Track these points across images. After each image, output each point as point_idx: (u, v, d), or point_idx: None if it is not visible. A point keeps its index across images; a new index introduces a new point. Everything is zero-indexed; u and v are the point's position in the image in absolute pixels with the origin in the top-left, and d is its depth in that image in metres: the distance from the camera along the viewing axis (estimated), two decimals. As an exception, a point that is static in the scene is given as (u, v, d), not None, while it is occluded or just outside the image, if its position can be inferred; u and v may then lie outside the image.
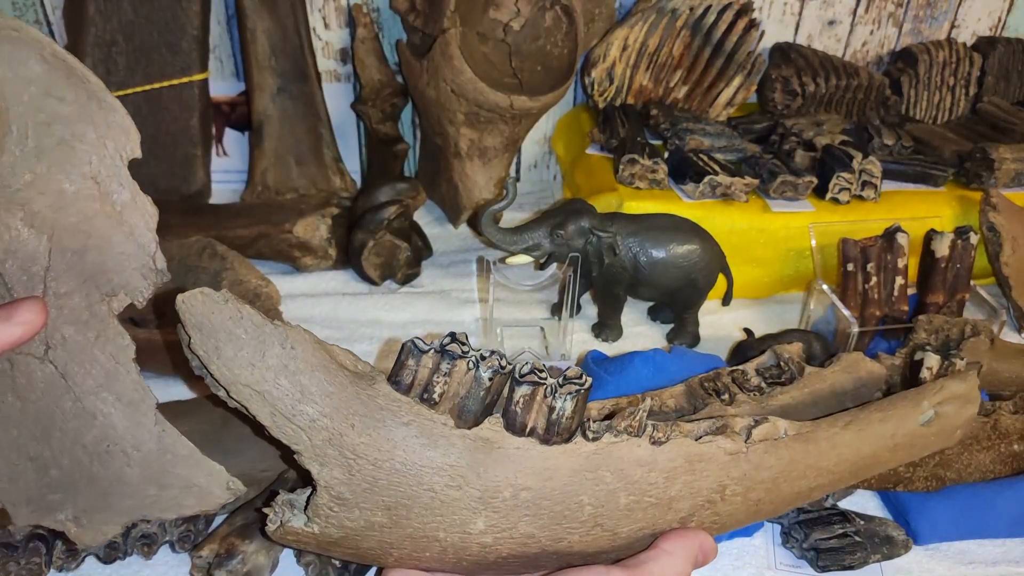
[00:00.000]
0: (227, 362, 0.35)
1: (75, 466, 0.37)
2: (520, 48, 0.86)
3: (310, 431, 0.37)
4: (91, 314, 0.36)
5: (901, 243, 0.72)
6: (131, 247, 0.36)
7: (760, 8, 1.00)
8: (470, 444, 0.39)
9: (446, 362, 0.39)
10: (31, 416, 0.36)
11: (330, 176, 0.91)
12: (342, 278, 0.84)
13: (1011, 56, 1.02)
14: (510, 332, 0.78)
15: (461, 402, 0.39)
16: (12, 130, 0.34)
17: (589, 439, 0.40)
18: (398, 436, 0.38)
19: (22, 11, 0.87)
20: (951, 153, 0.90)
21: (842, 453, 0.45)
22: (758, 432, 0.43)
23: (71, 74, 0.34)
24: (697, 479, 0.42)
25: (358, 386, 0.38)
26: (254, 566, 0.48)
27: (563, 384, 0.39)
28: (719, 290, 0.76)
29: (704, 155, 0.83)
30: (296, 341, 0.37)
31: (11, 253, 0.35)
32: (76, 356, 0.36)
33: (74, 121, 0.34)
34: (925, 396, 0.47)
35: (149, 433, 0.37)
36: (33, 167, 0.34)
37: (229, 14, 0.91)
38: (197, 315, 0.35)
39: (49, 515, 0.38)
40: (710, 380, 0.58)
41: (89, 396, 0.36)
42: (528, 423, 0.40)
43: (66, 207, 0.35)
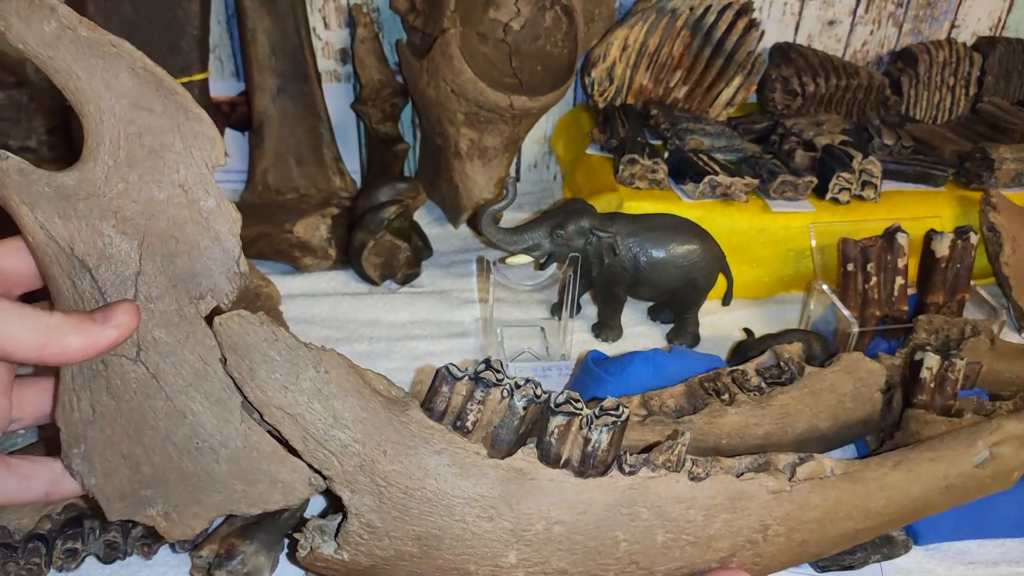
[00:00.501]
0: (261, 384, 0.36)
1: (166, 463, 0.38)
2: (520, 48, 0.86)
3: (342, 456, 0.37)
4: (180, 317, 0.37)
5: (901, 243, 0.72)
6: (217, 252, 0.37)
7: (760, 8, 1.00)
8: (503, 475, 0.38)
9: (480, 390, 0.38)
10: (124, 415, 0.37)
11: (330, 176, 0.91)
12: (342, 278, 0.84)
13: (1011, 56, 1.02)
14: (510, 332, 0.78)
15: (495, 431, 0.38)
16: (105, 141, 0.35)
17: (625, 473, 0.40)
18: (430, 464, 0.37)
19: (22, 11, 0.87)
20: (951, 153, 0.90)
21: (891, 495, 0.43)
22: (803, 470, 0.42)
23: (160, 86, 0.35)
24: (738, 517, 0.41)
25: (391, 412, 0.38)
26: (254, 566, 0.48)
27: (599, 415, 0.39)
28: (719, 290, 0.76)
29: (704, 155, 0.83)
30: (330, 365, 0.37)
31: (105, 259, 0.36)
32: (167, 357, 0.37)
33: (163, 131, 0.35)
34: (980, 436, 0.45)
35: (236, 431, 0.38)
36: (125, 176, 0.35)
37: (229, 14, 0.91)
38: (233, 336, 0.36)
39: (141, 510, 0.39)
40: (710, 380, 0.58)
41: (179, 395, 0.37)
42: (563, 454, 0.39)
43: (156, 214, 0.36)
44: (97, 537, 0.50)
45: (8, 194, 0.35)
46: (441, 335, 0.77)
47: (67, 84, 0.34)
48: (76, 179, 0.35)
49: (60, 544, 0.49)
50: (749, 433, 0.55)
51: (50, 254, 0.36)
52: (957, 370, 0.58)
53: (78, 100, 0.35)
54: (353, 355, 0.74)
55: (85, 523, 0.50)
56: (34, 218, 0.35)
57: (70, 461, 0.38)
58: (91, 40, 0.34)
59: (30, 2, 0.33)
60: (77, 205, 0.35)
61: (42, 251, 0.36)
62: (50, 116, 0.83)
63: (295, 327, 0.75)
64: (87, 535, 0.50)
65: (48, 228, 0.35)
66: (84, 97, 0.34)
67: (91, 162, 0.35)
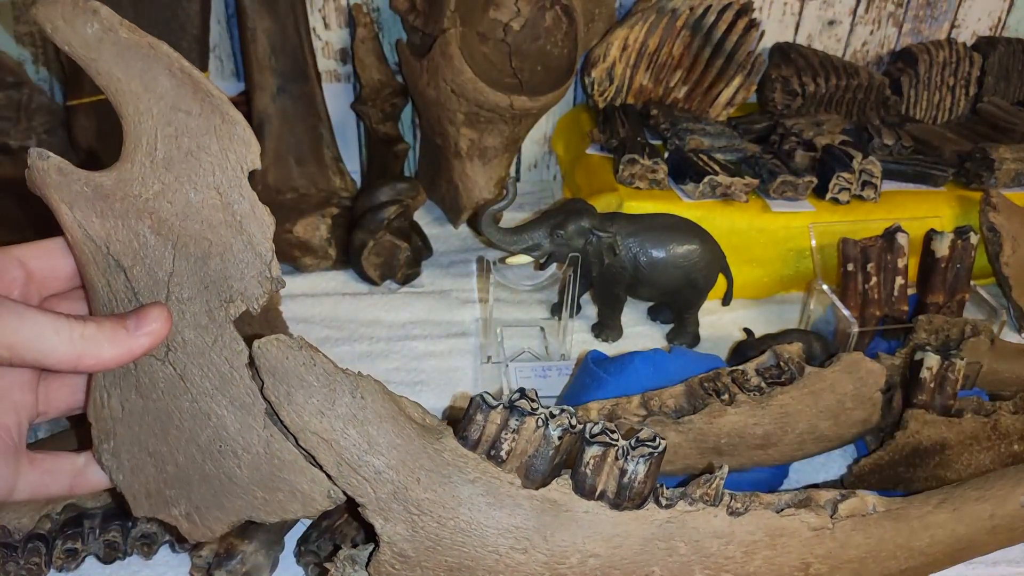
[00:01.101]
0: (297, 409, 0.36)
1: (189, 463, 0.38)
2: (520, 48, 0.86)
3: (375, 483, 0.37)
4: (210, 319, 0.37)
5: (901, 243, 0.72)
6: (250, 255, 0.37)
7: (760, 8, 1.00)
8: (537, 506, 0.38)
9: (515, 418, 0.38)
10: (152, 414, 0.38)
11: (330, 176, 0.91)
12: (342, 278, 0.84)
13: (1011, 56, 1.02)
14: (510, 332, 0.78)
15: (529, 461, 0.38)
16: (143, 142, 0.35)
17: (662, 506, 0.39)
18: (464, 494, 0.37)
19: (21, 11, 0.87)
20: (951, 153, 0.90)
21: (935, 534, 0.42)
22: (845, 507, 0.42)
23: (197, 88, 0.35)
24: (778, 555, 0.40)
25: (425, 439, 0.38)
26: (253, 566, 0.48)
27: (636, 446, 0.38)
28: (719, 290, 0.76)
29: (704, 155, 0.83)
30: (366, 391, 0.37)
31: (139, 259, 0.36)
32: (195, 359, 0.37)
33: (200, 133, 0.35)
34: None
35: (258, 437, 0.38)
36: (162, 177, 0.36)
37: (229, 14, 0.91)
38: (271, 360, 0.36)
39: (165, 509, 0.39)
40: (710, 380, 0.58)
41: (205, 397, 0.37)
42: (598, 486, 0.38)
43: (191, 216, 0.36)
44: (97, 537, 0.50)
45: (49, 192, 0.35)
46: (441, 335, 0.77)
47: (108, 85, 0.35)
48: (114, 179, 0.36)
49: (60, 544, 0.49)
50: (749, 433, 0.55)
51: (87, 252, 0.36)
52: (957, 370, 0.58)
53: (118, 101, 0.35)
54: (353, 355, 0.75)
55: (85, 523, 0.50)
56: (72, 217, 0.35)
57: (100, 456, 0.39)
58: (131, 42, 0.34)
59: (74, 5, 0.33)
60: (114, 205, 0.36)
61: (79, 249, 0.36)
62: (50, 116, 0.83)
63: (295, 327, 0.75)
64: (87, 535, 0.50)
65: (86, 227, 0.36)
66: (124, 98, 0.35)
67: (129, 163, 0.35)
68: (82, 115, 0.78)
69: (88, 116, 0.79)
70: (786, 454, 0.57)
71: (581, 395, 0.61)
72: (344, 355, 0.73)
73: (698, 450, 0.55)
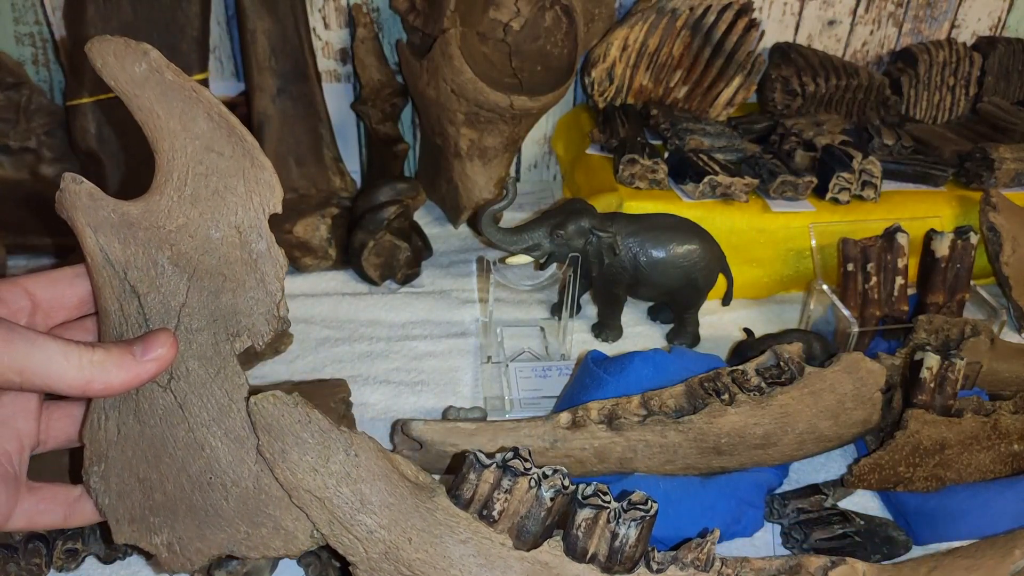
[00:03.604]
0: (292, 467, 0.37)
1: (178, 492, 0.38)
2: (520, 48, 0.86)
3: (367, 543, 0.37)
4: (216, 351, 0.38)
5: (901, 243, 0.72)
6: (261, 293, 0.38)
7: (760, 8, 1.00)
8: (528, 568, 0.38)
9: (508, 478, 0.38)
10: (146, 439, 0.38)
11: (330, 176, 0.91)
12: (342, 278, 0.84)
13: (1011, 56, 1.02)
14: (510, 332, 0.78)
15: (521, 521, 0.38)
16: (174, 177, 0.37)
17: (653, 570, 0.39)
18: (455, 554, 0.37)
19: (22, 12, 0.87)
20: (951, 153, 0.90)
21: None
22: (835, 574, 0.41)
23: (232, 133, 0.37)
24: None
25: (418, 498, 0.38)
26: (254, 567, 0.48)
27: (627, 509, 0.38)
28: (719, 290, 0.76)
29: (704, 155, 0.83)
30: (360, 448, 0.38)
31: (155, 287, 0.37)
32: (196, 389, 0.38)
33: (229, 175, 0.37)
34: (1017, 545, 0.44)
35: (249, 471, 0.38)
36: (187, 212, 0.37)
37: (229, 14, 0.91)
38: (267, 417, 0.37)
39: (147, 537, 0.39)
40: (710, 380, 0.58)
41: (201, 428, 0.38)
42: (589, 549, 0.39)
43: (210, 251, 0.37)
44: (97, 537, 0.50)
45: (76, 215, 0.36)
46: (441, 335, 0.77)
47: (147, 121, 0.36)
48: (141, 209, 0.37)
49: (60, 544, 0.49)
50: (749, 433, 0.55)
51: (104, 275, 0.37)
52: (957, 370, 0.58)
53: (154, 137, 0.36)
54: (353, 355, 0.75)
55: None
56: (96, 240, 0.36)
57: (89, 478, 0.39)
58: (175, 84, 0.36)
59: (127, 44, 0.35)
60: (137, 233, 0.37)
61: (98, 272, 0.37)
62: (50, 116, 0.83)
63: (295, 327, 0.75)
64: (87, 535, 0.50)
65: (107, 251, 0.37)
66: (161, 135, 0.36)
67: (158, 195, 0.37)
68: (82, 116, 0.79)
69: (88, 117, 0.79)
70: (786, 454, 0.57)
71: (581, 395, 0.61)
72: (344, 355, 0.73)
73: (698, 450, 0.55)
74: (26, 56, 0.89)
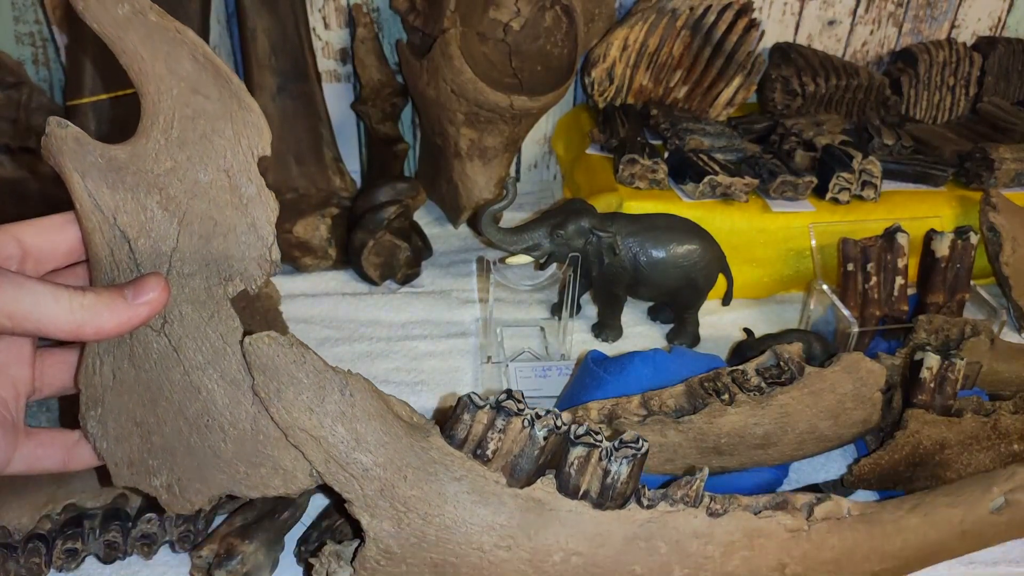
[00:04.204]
0: (287, 406, 0.37)
1: (175, 435, 0.38)
2: (520, 48, 0.86)
3: (363, 480, 0.37)
4: (208, 295, 0.38)
5: (901, 243, 0.72)
6: (252, 237, 0.38)
7: (760, 8, 1.00)
8: (521, 504, 0.38)
9: (501, 418, 0.38)
10: (142, 384, 0.38)
11: (330, 176, 0.91)
12: (342, 278, 0.84)
13: (1011, 56, 1.02)
14: (510, 332, 0.78)
15: (514, 460, 0.39)
16: (160, 120, 0.36)
17: (644, 506, 0.40)
18: (450, 491, 0.38)
19: (21, 11, 0.87)
20: (951, 153, 0.90)
21: (908, 538, 0.43)
22: (820, 510, 0.42)
23: (218, 75, 0.36)
24: (756, 555, 0.41)
25: (413, 438, 0.38)
26: (254, 566, 0.48)
27: (619, 447, 0.39)
28: (719, 290, 0.76)
29: (704, 155, 0.83)
30: (356, 389, 0.38)
31: (145, 232, 0.37)
32: (190, 332, 0.38)
33: (216, 117, 0.37)
34: (995, 483, 0.45)
35: (246, 412, 0.38)
36: (175, 155, 0.37)
37: (229, 13, 0.91)
38: (262, 357, 0.37)
39: (146, 479, 0.39)
40: (710, 380, 0.58)
41: (196, 371, 0.38)
42: (582, 486, 0.39)
43: (199, 195, 0.37)
44: (97, 537, 0.50)
45: (63, 161, 0.36)
46: (441, 335, 0.77)
47: (131, 64, 0.36)
48: (128, 153, 0.36)
49: (60, 544, 0.49)
50: (749, 433, 0.55)
51: (94, 221, 0.37)
52: (957, 370, 0.58)
53: (140, 80, 0.36)
54: (353, 355, 0.75)
55: (85, 523, 0.50)
56: (84, 186, 0.36)
57: (86, 423, 0.39)
58: (158, 25, 0.35)
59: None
60: (125, 178, 0.36)
61: (87, 218, 0.37)
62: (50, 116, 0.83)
63: (295, 327, 0.75)
64: (87, 535, 0.50)
65: (96, 196, 0.36)
66: (146, 78, 0.36)
67: (144, 138, 0.36)
68: (82, 116, 0.79)
69: (88, 117, 0.79)
70: (786, 454, 0.57)
71: (581, 395, 0.61)
72: (344, 355, 0.73)
73: (698, 450, 0.55)
74: (26, 56, 0.89)
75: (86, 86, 0.78)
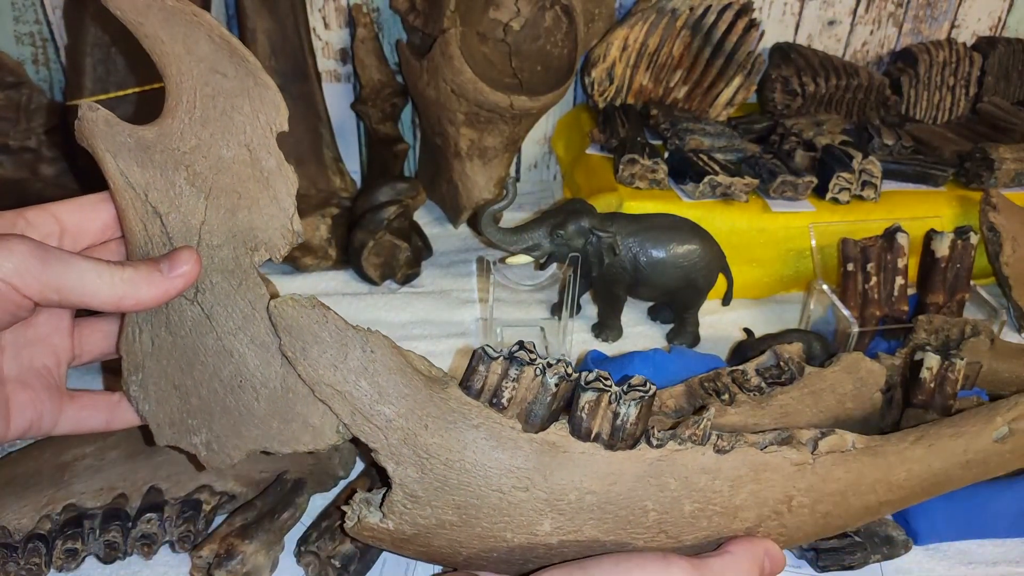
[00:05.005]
0: (312, 363, 0.39)
1: (212, 396, 0.41)
2: (520, 48, 0.86)
3: (387, 431, 0.40)
4: (236, 265, 0.40)
5: (901, 243, 0.72)
6: (275, 209, 0.40)
7: (760, 8, 1.00)
8: (537, 448, 0.40)
9: (515, 368, 0.40)
10: (179, 349, 0.41)
11: (330, 176, 0.91)
12: (342, 278, 0.84)
13: (1011, 56, 1.02)
14: (510, 332, 0.78)
15: (528, 407, 0.40)
16: (183, 100, 0.38)
17: (653, 446, 0.41)
18: (468, 438, 0.40)
19: (21, 11, 0.87)
20: (951, 153, 0.90)
21: (912, 468, 0.45)
22: (825, 443, 0.44)
23: (234, 54, 0.39)
24: (763, 488, 0.42)
25: (432, 389, 0.40)
26: (254, 566, 0.48)
27: (627, 391, 0.40)
28: (719, 290, 0.76)
29: (704, 155, 0.83)
30: (375, 345, 0.40)
31: (175, 207, 0.39)
32: (221, 300, 0.40)
33: (234, 95, 0.39)
34: (999, 412, 0.46)
35: (275, 373, 0.40)
36: (198, 133, 0.39)
37: (229, 14, 0.91)
38: (287, 318, 0.39)
39: (187, 437, 0.42)
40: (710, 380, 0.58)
41: (228, 336, 0.40)
42: (593, 428, 0.41)
43: (223, 170, 0.39)
44: (97, 537, 0.50)
45: (95, 142, 0.38)
46: (441, 335, 0.77)
47: (153, 47, 0.38)
48: (155, 132, 0.39)
49: (60, 544, 0.49)
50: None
51: (127, 198, 0.39)
52: (957, 370, 0.58)
53: (162, 63, 0.38)
54: (353, 355, 0.74)
55: (85, 523, 0.50)
56: (116, 165, 0.38)
57: (128, 387, 0.42)
58: (176, 9, 0.37)
59: None
60: (154, 156, 0.39)
61: (120, 195, 0.39)
62: (50, 116, 0.83)
63: (295, 327, 0.75)
64: (87, 535, 0.50)
65: (127, 175, 0.39)
66: (167, 60, 0.38)
67: (169, 118, 0.39)
68: (82, 115, 0.79)
69: (88, 116, 0.79)
70: (786, 454, 0.57)
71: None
72: (344, 355, 0.73)
73: (698, 450, 0.55)
74: (26, 56, 0.89)
75: (86, 86, 0.78)
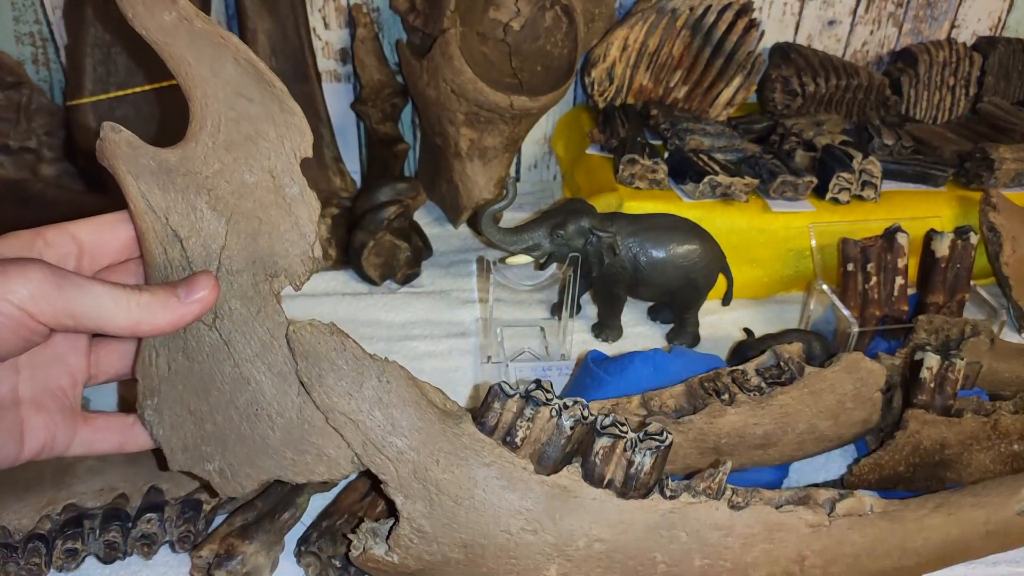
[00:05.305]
0: (328, 390, 0.39)
1: (227, 423, 0.40)
2: (520, 48, 0.86)
3: (397, 463, 0.39)
4: (255, 291, 0.40)
5: (901, 243, 0.72)
6: (295, 236, 0.40)
7: (760, 8, 1.00)
8: (548, 490, 0.40)
9: (530, 408, 0.40)
10: (196, 375, 0.40)
11: (330, 176, 0.91)
12: (342, 278, 0.84)
13: (1011, 56, 1.02)
14: (510, 332, 0.78)
15: (542, 448, 0.40)
16: (208, 124, 0.38)
17: (667, 496, 0.41)
18: (479, 476, 0.39)
19: (21, 11, 0.87)
20: (951, 153, 0.90)
21: (930, 536, 0.44)
22: (842, 506, 0.43)
23: (260, 78, 0.38)
24: (775, 548, 0.42)
25: (445, 424, 0.40)
26: (253, 566, 0.48)
27: (643, 439, 0.40)
28: (719, 290, 0.76)
29: (704, 155, 0.83)
30: (392, 376, 0.40)
31: (195, 231, 0.39)
32: (239, 327, 0.40)
33: (259, 120, 0.38)
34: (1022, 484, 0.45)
35: (292, 403, 0.40)
36: (222, 158, 0.38)
37: (229, 14, 0.91)
38: (305, 344, 0.39)
39: (200, 464, 0.41)
40: (710, 380, 0.58)
41: (246, 363, 0.40)
42: (607, 475, 0.40)
43: (245, 195, 0.39)
44: (97, 537, 0.50)
45: (117, 164, 0.37)
46: (441, 335, 0.77)
47: (179, 69, 0.37)
48: (178, 156, 0.38)
49: (60, 544, 0.49)
50: (749, 433, 0.55)
51: (147, 221, 0.38)
52: (957, 370, 0.58)
53: (187, 85, 0.37)
54: (353, 355, 0.74)
55: (85, 523, 0.50)
56: (137, 188, 0.38)
57: (143, 411, 0.41)
58: (204, 31, 0.37)
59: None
60: (176, 179, 0.38)
61: (141, 218, 0.38)
62: (50, 116, 0.83)
63: (295, 327, 0.75)
64: (87, 535, 0.50)
65: (148, 198, 0.38)
66: (193, 82, 0.37)
67: (193, 142, 0.38)
68: (82, 116, 0.78)
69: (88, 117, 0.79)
70: (786, 454, 0.57)
71: (581, 395, 0.61)
72: (344, 355, 0.73)
73: (698, 450, 0.55)
74: (26, 56, 0.89)
75: (86, 86, 0.78)
